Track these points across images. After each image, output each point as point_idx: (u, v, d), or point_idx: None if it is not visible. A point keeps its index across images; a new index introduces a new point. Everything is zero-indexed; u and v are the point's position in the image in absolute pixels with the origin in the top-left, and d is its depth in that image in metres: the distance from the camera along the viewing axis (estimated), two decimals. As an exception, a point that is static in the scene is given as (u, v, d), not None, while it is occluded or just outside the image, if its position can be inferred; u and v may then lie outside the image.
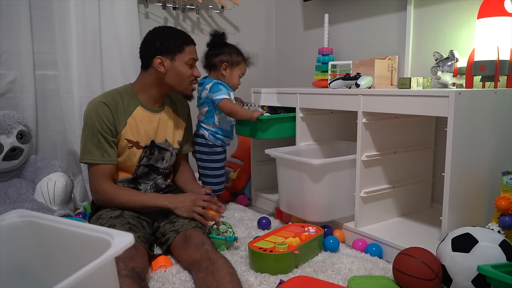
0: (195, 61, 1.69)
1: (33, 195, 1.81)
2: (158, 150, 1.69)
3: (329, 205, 1.67)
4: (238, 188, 2.34)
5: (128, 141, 1.59)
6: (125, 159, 1.61)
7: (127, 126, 1.59)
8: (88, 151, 1.54)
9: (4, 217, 0.98)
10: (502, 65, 1.49)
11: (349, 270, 1.38)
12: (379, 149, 1.68)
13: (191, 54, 1.65)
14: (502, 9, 1.48)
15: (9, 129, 1.83)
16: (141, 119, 1.62)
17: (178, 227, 1.47)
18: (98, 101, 1.56)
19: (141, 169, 1.66)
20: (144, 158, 1.65)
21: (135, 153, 1.62)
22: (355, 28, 2.25)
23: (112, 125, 1.55)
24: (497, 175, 1.41)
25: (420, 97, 1.40)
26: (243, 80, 2.03)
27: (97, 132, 1.53)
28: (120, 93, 1.62)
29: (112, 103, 1.57)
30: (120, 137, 1.58)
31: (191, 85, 1.70)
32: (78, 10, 2.05)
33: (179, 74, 1.63)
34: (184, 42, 1.64)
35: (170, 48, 1.61)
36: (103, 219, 1.48)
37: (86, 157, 1.55)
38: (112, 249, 0.75)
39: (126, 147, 1.59)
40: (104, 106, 1.55)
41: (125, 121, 1.59)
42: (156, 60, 1.60)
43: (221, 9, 2.56)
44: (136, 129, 1.61)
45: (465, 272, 1.15)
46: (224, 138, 1.99)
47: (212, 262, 1.23)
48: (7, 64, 1.98)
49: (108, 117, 1.54)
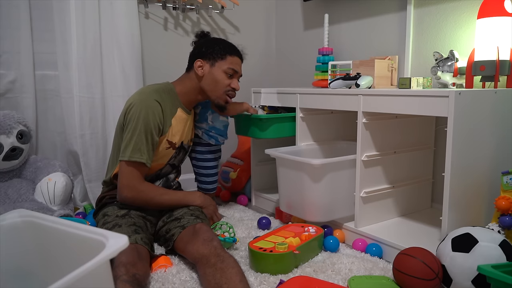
0: (236, 74, 1.69)
1: (33, 195, 1.82)
2: (183, 151, 1.73)
3: (329, 205, 1.67)
4: (238, 188, 2.34)
5: (169, 142, 1.61)
6: (158, 158, 1.61)
7: (172, 127, 1.60)
8: (139, 149, 1.48)
9: (5, 217, 0.98)
10: (502, 65, 1.49)
11: (349, 270, 1.38)
12: (379, 149, 1.68)
13: (231, 64, 1.66)
14: (502, 9, 1.48)
15: (9, 129, 1.83)
16: (180, 121, 1.65)
17: (185, 222, 1.47)
18: (152, 99, 1.52)
19: (166, 168, 1.69)
20: (172, 158, 1.67)
21: (169, 154, 1.64)
22: (355, 28, 2.25)
23: (162, 125, 1.55)
24: (497, 175, 1.41)
25: (420, 97, 1.40)
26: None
27: (150, 131, 1.50)
28: (164, 92, 1.60)
29: (162, 102, 1.56)
30: (164, 138, 1.58)
31: (226, 95, 1.70)
32: (78, 10, 2.04)
33: (215, 81, 1.64)
34: (228, 52, 1.66)
35: (213, 54, 1.64)
36: (110, 216, 1.48)
37: (136, 155, 1.48)
38: (106, 251, 0.75)
39: (165, 148, 1.60)
40: (157, 105, 1.53)
41: (170, 121, 1.59)
42: (197, 62, 1.63)
43: (221, 9, 2.56)
44: (177, 131, 1.63)
45: (465, 272, 1.15)
46: (218, 136, 2.00)
47: (222, 259, 1.23)
48: (7, 64, 1.98)
49: (160, 117, 1.53)
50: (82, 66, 2.09)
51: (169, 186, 1.74)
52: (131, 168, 1.50)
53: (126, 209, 1.52)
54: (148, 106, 1.50)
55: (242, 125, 2.04)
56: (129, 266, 1.18)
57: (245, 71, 2.67)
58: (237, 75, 1.71)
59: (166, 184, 1.73)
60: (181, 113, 1.65)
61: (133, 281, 1.14)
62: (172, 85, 1.66)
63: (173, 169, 1.75)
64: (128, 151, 1.49)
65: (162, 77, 1.96)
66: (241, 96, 2.13)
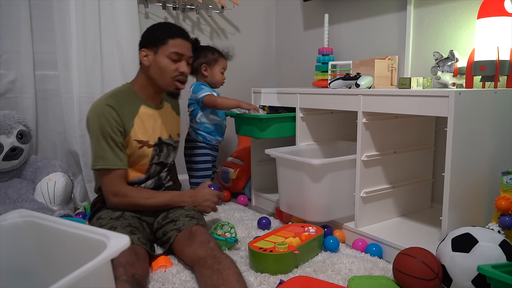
0: (182, 56, 1.56)
1: (33, 195, 1.81)
2: (166, 146, 1.67)
3: (329, 205, 1.67)
4: (238, 188, 2.33)
5: (138, 142, 1.55)
6: (137, 159, 1.57)
7: (135, 127, 1.55)
8: (101, 157, 1.47)
9: (5, 217, 0.98)
10: (502, 65, 1.49)
11: (349, 270, 1.38)
12: (379, 149, 1.68)
13: (175, 48, 1.53)
14: (502, 9, 1.48)
15: (9, 129, 1.83)
16: (147, 118, 1.59)
17: (180, 225, 1.47)
18: (104, 105, 1.49)
19: (154, 167, 1.64)
20: (155, 156, 1.62)
21: (147, 153, 1.59)
22: (355, 28, 2.25)
23: (122, 127, 1.50)
24: (497, 175, 1.41)
25: (420, 97, 1.40)
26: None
27: (107, 137, 1.47)
28: (122, 94, 1.57)
29: (117, 105, 1.51)
30: (130, 139, 1.53)
31: (175, 82, 1.58)
32: (78, 10, 2.04)
33: (161, 68, 1.54)
34: (168, 35, 1.54)
35: (155, 40, 1.54)
36: (104, 219, 1.47)
37: (99, 163, 1.48)
38: (107, 251, 0.75)
39: (136, 147, 1.55)
40: (111, 110, 1.48)
41: (132, 121, 1.54)
42: (141, 53, 1.56)
43: (221, 9, 2.56)
44: (144, 128, 1.57)
45: (465, 272, 1.15)
46: (207, 135, 2.04)
47: (218, 260, 1.23)
48: (7, 64, 1.98)
49: (116, 120, 1.49)
50: (82, 66, 2.09)
51: (161, 184, 1.70)
52: (106, 176, 1.49)
53: (120, 211, 1.50)
54: (100, 113, 1.48)
55: (242, 125, 2.04)
56: (127, 266, 1.18)
57: (245, 71, 2.69)
58: (184, 57, 1.57)
59: (158, 183, 1.68)
60: (146, 109, 1.59)
61: (132, 281, 1.14)
62: (130, 85, 1.61)
63: (163, 167, 1.69)
64: (92, 161, 1.51)
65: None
66: (241, 96, 2.13)
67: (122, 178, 1.51)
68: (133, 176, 1.58)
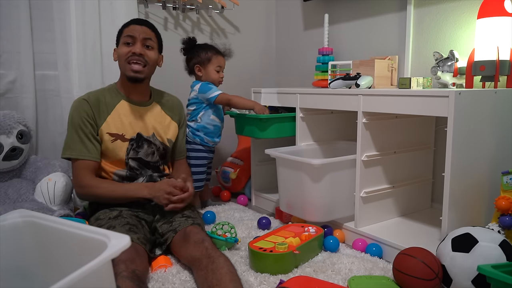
0: (135, 39, 1.58)
1: (33, 195, 1.81)
2: (147, 143, 1.67)
3: (329, 205, 1.67)
4: (238, 188, 2.34)
5: (110, 135, 1.60)
6: (112, 153, 1.61)
7: (109, 120, 1.60)
8: (68, 147, 1.57)
9: (6, 217, 0.98)
10: (502, 65, 1.49)
11: (349, 270, 1.38)
12: (379, 149, 1.68)
13: (126, 33, 1.60)
14: (502, 9, 1.48)
15: (9, 129, 1.82)
16: (125, 112, 1.64)
17: (176, 226, 1.47)
18: (80, 99, 1.60)
19: (131, 162, 1.64)
20: (131, 151, 1.63)
21: (121, 146, 1.61)
22: (355, 28, 2.25)
23: (92, 120, 1.57)
24: (497, 175, 1.41)
25: (420, 97, 1.40)
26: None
27: (77, 128, 1.56)
28: (103, 91, 1.66)
29: (93, 99, 1.60)
30: (102, 132, 1.59)
31: (129, 64, 1.58)
32: (78, 10, 2.05)
33: (119, 56, 1.63)
34: (123, 27, 1.64)
35: (117, 37, 1.66)
36: (102, 220, 1.47)
37: (66, 153, 1.58)
38: (108, 251, 0.75)
39: (109, 140, 1.60)
40: (84, 103, 1.58)
41: (106, 115, 1.61)
42: (114, 52, 1.67)
43: (221, 9, 2.56)
44: (120, 122, 1.62)
45: (465, 272, 1.15)
46: (204, 137, 2.01)
47: (212, 260, 1.24)
48: (7, 64, 1.98)
49: (87, 113, 1.57)
50: (82, 66, 2.09)
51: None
52: (73, 167, 1.59)
53: (118, 210, 1.51)
54: (74, 107, 1.59)
55: (242, 125, 2.04)
56: (128, 262, 1.19)
57: (245, 71, 2.69)
58: (137, 40, 1.58)
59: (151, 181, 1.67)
60: (126, 104, 1.65)
61: (133, 277, 1.15)
62: (114, 83, 1.71)
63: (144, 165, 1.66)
64: (62, 150, 1.60)
65: (162, 77, 1.97)
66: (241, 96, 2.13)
67: (89, 170, 1.57)
68: (115, 168, 1.63)
